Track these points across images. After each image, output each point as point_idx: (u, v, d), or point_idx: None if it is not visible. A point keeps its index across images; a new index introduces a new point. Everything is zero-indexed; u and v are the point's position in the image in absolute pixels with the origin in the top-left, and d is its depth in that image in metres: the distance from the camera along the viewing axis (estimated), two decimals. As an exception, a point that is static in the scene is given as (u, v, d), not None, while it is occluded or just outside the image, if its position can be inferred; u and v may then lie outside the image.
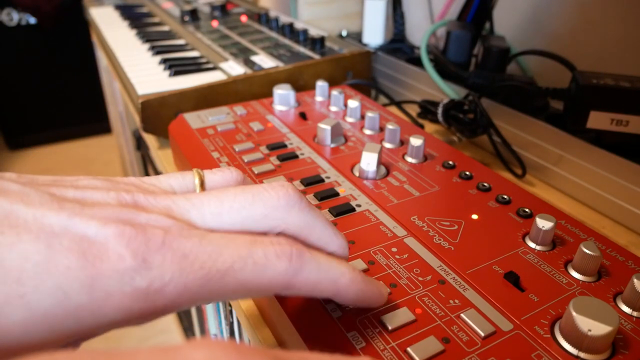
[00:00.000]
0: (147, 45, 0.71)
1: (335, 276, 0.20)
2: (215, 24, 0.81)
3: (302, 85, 0.58)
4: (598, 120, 0.43)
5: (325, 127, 0.41)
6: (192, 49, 0.68)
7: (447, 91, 0.56)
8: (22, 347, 0.15)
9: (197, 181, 0.22)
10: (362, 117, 0.47)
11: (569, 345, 0.22)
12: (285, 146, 0.41)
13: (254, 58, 0.61)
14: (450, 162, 0.38)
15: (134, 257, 0.16)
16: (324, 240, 0.22)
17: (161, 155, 0.53)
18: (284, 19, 0.78)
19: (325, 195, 0.34)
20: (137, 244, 0.16)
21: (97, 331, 0.17)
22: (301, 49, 0.64)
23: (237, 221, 0.20)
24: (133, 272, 0.16)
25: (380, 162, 0.37)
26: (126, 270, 0.16)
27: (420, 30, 0.80)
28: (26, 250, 0.15)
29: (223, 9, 0.88)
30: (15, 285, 0.14)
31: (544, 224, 0.29)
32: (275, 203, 0.21)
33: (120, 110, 1.04)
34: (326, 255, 0.21)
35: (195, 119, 0.45)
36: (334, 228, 0.23)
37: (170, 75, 0.58)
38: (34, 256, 0.15)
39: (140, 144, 0.87)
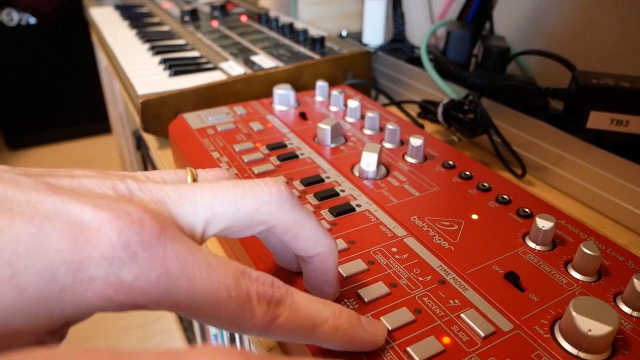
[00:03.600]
0: (147, 45, 0.71)
1: (314, 324, 0.20)
2: (215, 24, 0.81)
3: (302, 85, 0.58)
4: (598, 120, 0.43)
5: (325, 127, 0.41)
6: (192, 49, 0.68)
7: (447, 91, 0.56)
8: (9, 333, 0.15)
9: (189, 179, 0.22)
10: (362, 117, 0.47)
11: (569, 345, 0.22)
12: (285, 146, 0.41)
13: (254, 58, 0.61)
14: (450, 162, 0.38)
15: (124, 248, 0.16)
16: (314, 239, 0.22)
17: (161, 155, 0.53)
18: (284, 19, 0.78)
19: (325, 195, 0.34)
20: (131, 233, 0.16)
21: (79, 316, 0.16)
22: (301, 49, 0.64)
23: (229, 213, 0.20)
24: (121, 262, 0.16)
25: (380, 162, 0.37)
26: (114, 260, 0.16)
27: (420, 30, 0.80)
28: (18, 232, 0.15)
29: (223, 9, 0.88)
30: (6, 267, 0.14)
31: (544, 224, 0.29)
32: (267, 198, 0.21)
33: (120, 110, 1.04)
34: (312, 300, 0.20)
35: (195, 119, 0.45)
36: (325, 229, 0.23)
37: (170, 75, 0.58)
38: (26, 238, 0.15)
39: (140, 144, 0.87)
